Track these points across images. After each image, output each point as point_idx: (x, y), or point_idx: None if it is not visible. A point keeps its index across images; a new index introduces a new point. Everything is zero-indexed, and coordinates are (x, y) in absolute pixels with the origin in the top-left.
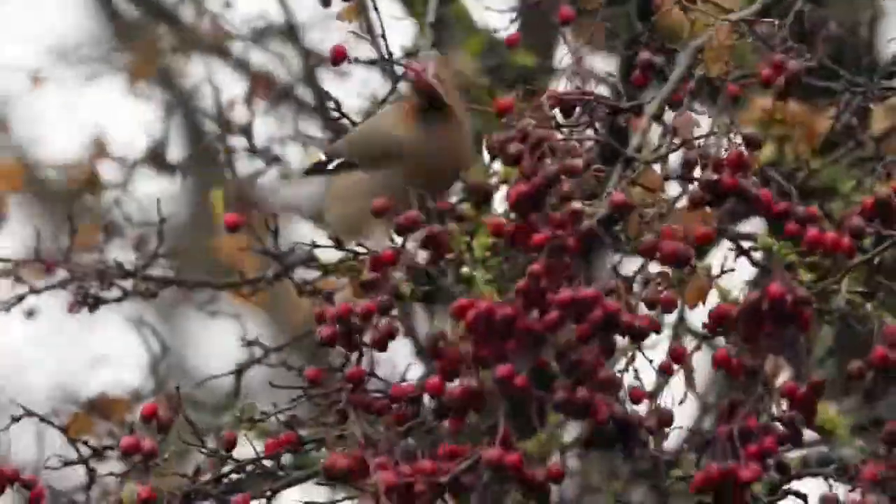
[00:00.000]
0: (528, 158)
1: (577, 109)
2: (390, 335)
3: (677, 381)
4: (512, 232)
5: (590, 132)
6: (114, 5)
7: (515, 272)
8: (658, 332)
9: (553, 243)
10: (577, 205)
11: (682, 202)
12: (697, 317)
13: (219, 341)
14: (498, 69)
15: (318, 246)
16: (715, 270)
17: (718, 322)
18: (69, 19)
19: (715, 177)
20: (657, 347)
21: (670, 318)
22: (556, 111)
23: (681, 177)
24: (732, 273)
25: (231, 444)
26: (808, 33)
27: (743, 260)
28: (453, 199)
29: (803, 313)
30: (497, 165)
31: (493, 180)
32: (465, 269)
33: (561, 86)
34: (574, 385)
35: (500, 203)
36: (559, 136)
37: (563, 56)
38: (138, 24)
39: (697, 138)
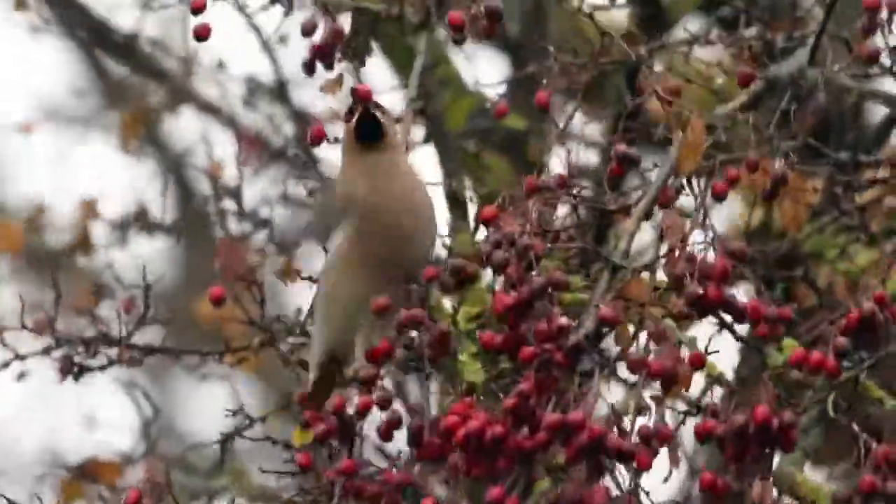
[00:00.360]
0: (515, 267)
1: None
2: (397, 426)
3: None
4: (500, 344)
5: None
6: (103, 64)
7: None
8: (648, 468)
9: (541, 358)
10: (563, 320)
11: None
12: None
13: (209, 404)
14: (488, 132)
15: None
16: (699, 345)
17: (704, 437)
18: (59, 77)
19: (700, 291)
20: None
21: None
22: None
23: (670, 289)
24: (717, 352)
25: None
26: (796, 108)
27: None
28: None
29: (789, 435)
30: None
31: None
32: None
33: (550, 158)
34: None
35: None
36: (545, 244)
37: (552, 129)
38: (128, 83)
39: (685, 244)
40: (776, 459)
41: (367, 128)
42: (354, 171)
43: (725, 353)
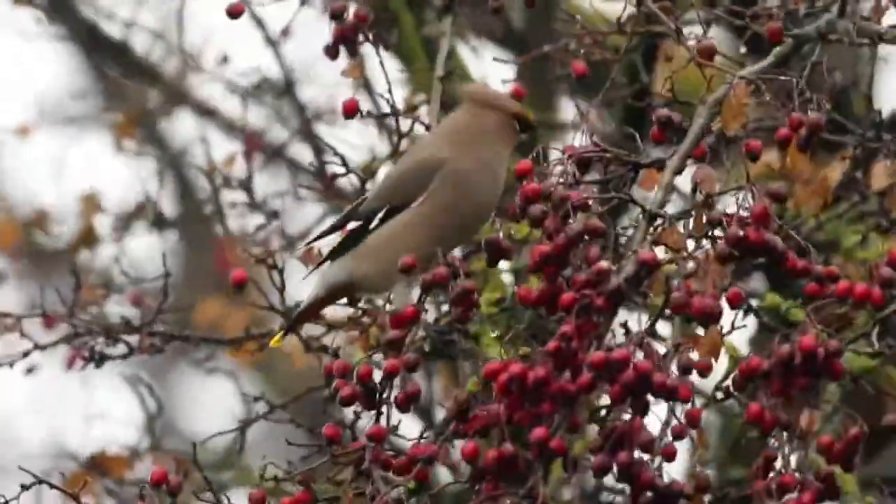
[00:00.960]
0: (552, 219)
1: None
2: (416, 395)
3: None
4: (539, 295)
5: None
6: (100, 64)
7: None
8: (689, 400)
9: (581, 303)
10: (603, 264)
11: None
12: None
13: (213, 399)
14: None
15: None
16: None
17: (748, 377)
18: (57, 77)
19: (741, 233)
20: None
21: None
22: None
23: (706, 235)
24: (742, 329)
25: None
26: (813, 87)
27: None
28: (459, 254)
29: (835, 365)
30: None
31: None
32: (472, 326)
33: (569, 141)
34: (613, 447)
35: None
36: (581, 194)
37: (568, 111)
38: (125, 82)
39: (721, 193)
40: None
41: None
42: (454, 148)
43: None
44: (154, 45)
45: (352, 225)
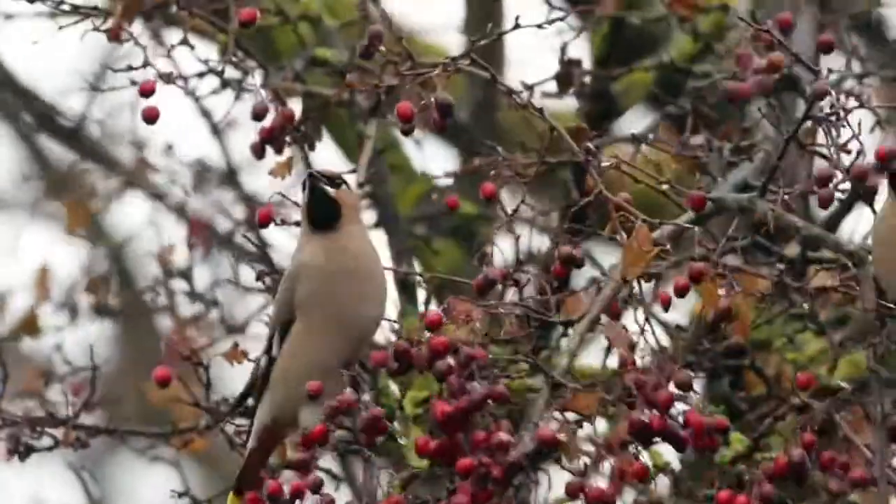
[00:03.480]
0: (457, 377)
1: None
2: None
3: None
4: (435, 451)
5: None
6: (43, 152)
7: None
8: None
9: (478, 472)
10: (504, 436)
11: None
12: None
13: (158, 487)
14: (437, 217)
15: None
16: None
17: None
18: (3, 164)
19: (644, 419)
20: None
21: None
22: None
23: (620, 400)
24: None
25: None
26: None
27: None
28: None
29: None
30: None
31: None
32: (395, 426)
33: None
34: None
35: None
36: (488, 355)
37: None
38: (73, 169)
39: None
40: None
41: (321, 212)
42: (311, 246)
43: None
44: (103, 131)
45: (262, 361)
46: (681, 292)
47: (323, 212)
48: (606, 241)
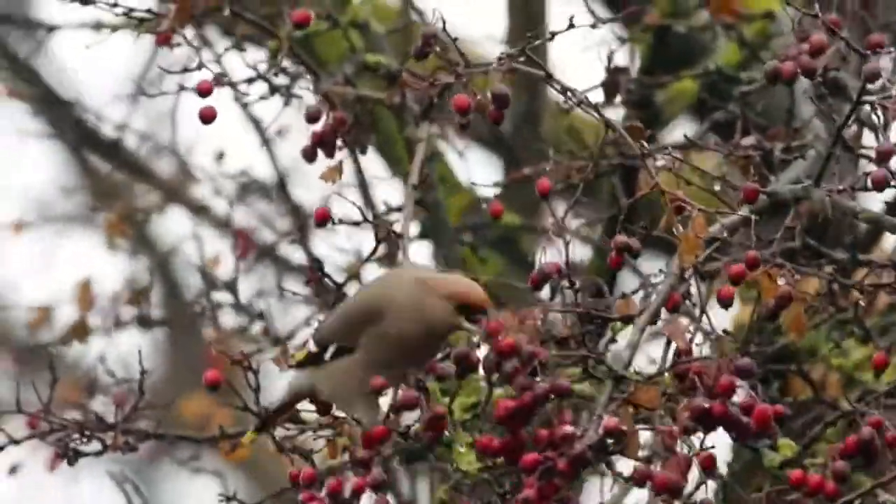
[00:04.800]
0: (521, 376)
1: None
2: None
3: None
4: (498, 448)
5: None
6: (91, 163)
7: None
8: None
9: (544, 466)
10: (568, 428)
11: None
12: None
13: (200, 499)
14: (482, 227)
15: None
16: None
17: None
18: (47, 173)
19: (705, 405)
20: None
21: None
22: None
23: (681, 393)
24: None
25: None
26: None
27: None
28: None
29: None
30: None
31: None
32: (446, 433)
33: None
34: None
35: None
36: (549, 352)
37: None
38: (115, 181)
39: (689, 359)
40: None
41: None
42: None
43: (718, 445)
44: (146, 143)
45: (311, 346)
46: (736, 280)
47: None
48: (652, 251)
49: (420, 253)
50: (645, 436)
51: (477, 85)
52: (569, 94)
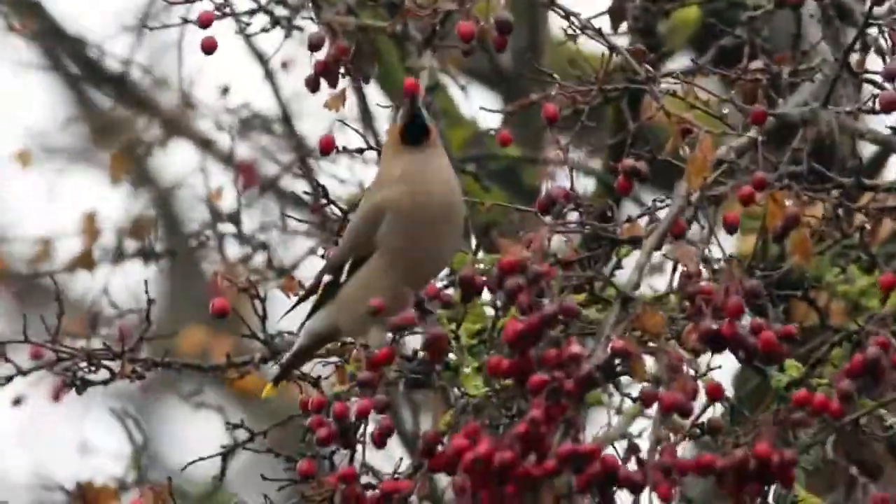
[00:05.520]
0: (527, 295)
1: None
2: (389, 432)
3: None
4: (507, 369)
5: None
6: (93, 97)
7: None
8: (668, 500)
9: (551, 387)
10: (576, 348)
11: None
12: None
13: (202, 434)
14: (483, 159)
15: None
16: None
17: (703, 471)
18: (49, 107)
19: (714, 327)
20: None
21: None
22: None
23: (688, 317)
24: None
25: None
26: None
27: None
28: (439, 285)
29: (788, 473)
30: (481, 255)
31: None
32: (451, 357)
33: (547, 183)
34: None
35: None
36: (557, 272)
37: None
38: (118, 115)
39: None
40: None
41: (415, 128)
42: (396, 173)
43: (724, 368)
44: (148, 77)
45: (326, 278)
46: (745, 201)
47: (418, 127)
48: (653, 183)
49: None
50: (650, 360)
51: (479, 12)
52: (572, 19)
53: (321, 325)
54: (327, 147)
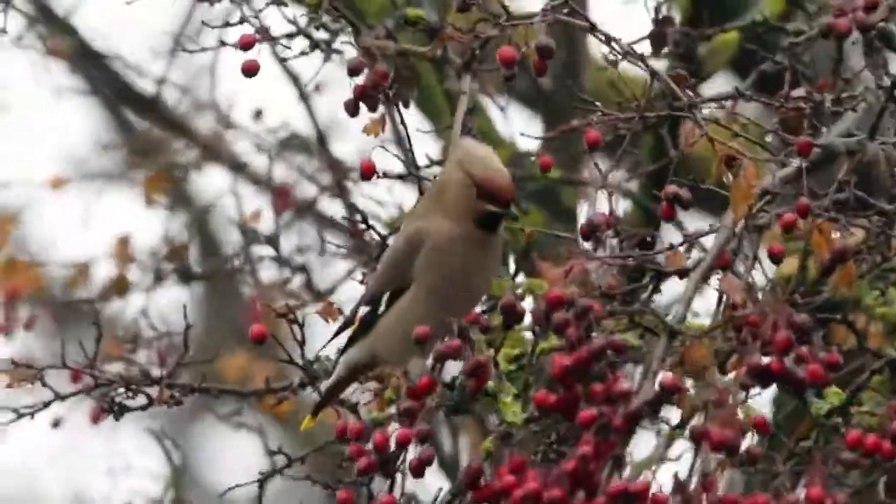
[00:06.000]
0: (574, 329)
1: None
2: (429, 462)
3: None
4: (555, 404)
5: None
6: (128, 120)
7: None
8: None
9: (599, 423)
10: (625, 384)
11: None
12: None
13: (240, 455)
14: (522, 180)
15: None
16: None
17: None
18: (86, 130)
19: (762, 362)
20: None
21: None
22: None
23: (735, 350)
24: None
25: None
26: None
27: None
28: (478, 309)
29: None
30: (521, 278)
31: (521, 298)
32: (490, 384)
33: (586, 209)
34: None
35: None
36: (604, 306)
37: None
38: (154, 138)
39: (745, 311)
40: None
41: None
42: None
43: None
44: (184, 99)
45: (362, 311)
46: (787, 228)
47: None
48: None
49: None
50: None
51: (519, 37)
52: (613, 44)
53: (359, 357)
54: (368, 172)
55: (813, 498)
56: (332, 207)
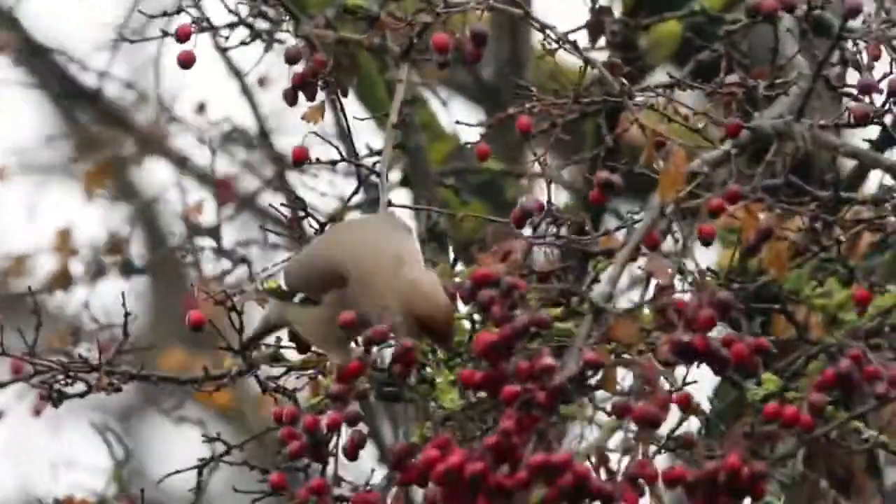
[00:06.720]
0: (499, 306)
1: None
2: (361, 445)
3: None
4: (480, 381)
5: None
6: (72, 111)
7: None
8: None
9: (523, 398)
10: (548, 360)
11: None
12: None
13: (182, 448)
14: (464, 172)
15: (283, 347)
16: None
17: (673, 483)
18: (28, 123)
19: (686, 339)
20: None
21: None
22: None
23: (660, 328)
24: (694, 382)
25: None
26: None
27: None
28: None
29: (759, 486)
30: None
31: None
32: (427, 370)
33: (524, 197)
34: None
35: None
36: (529, 284)
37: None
38: (97, 129)
39: (669, 289)
40: None
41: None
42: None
43: (702, 382)
44: (127, 93)
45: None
46: (715, 213)
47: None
48: (633, 197)
49: (401, 197)
50: (623, 372)
51: (456, 24)
52: (548, 32)
53: (277, 316)
54: (299, 158)
55: (730, 466)
56: (275, 200)
